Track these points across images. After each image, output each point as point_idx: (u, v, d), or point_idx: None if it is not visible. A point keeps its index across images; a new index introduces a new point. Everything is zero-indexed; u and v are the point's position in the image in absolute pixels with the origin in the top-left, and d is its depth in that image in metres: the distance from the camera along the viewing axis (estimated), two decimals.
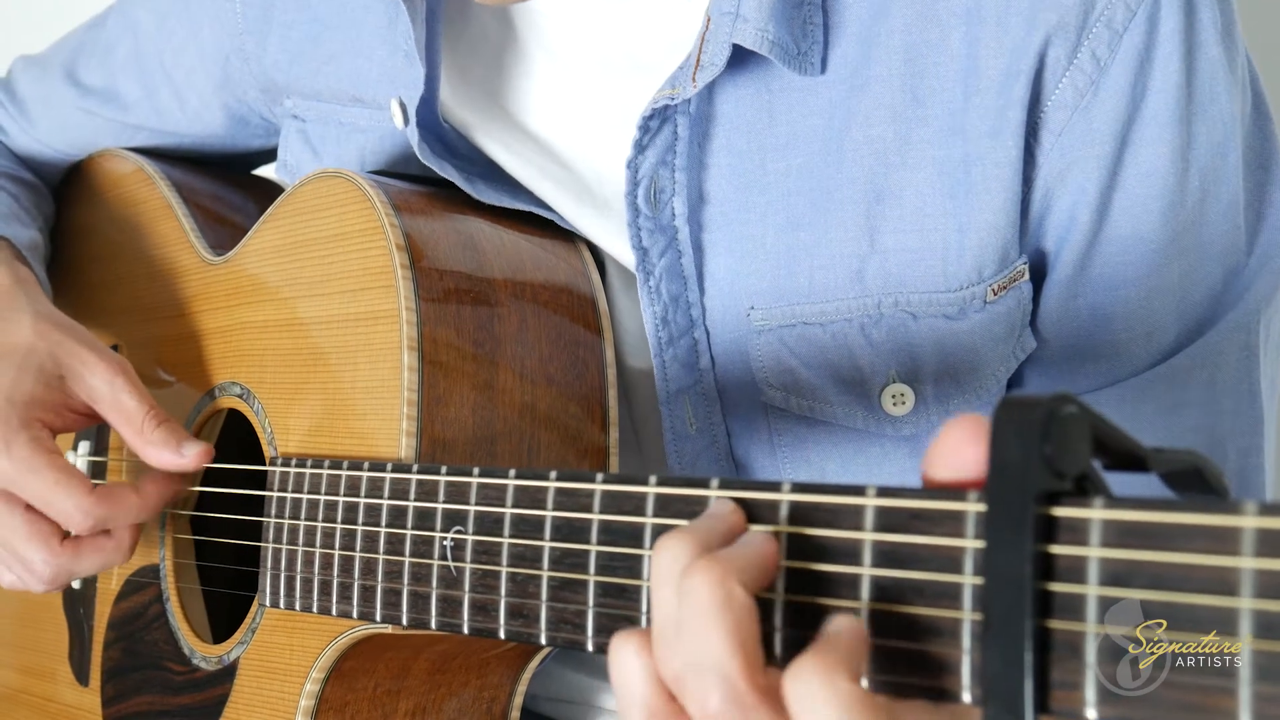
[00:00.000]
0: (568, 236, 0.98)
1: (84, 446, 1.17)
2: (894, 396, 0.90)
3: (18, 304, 1.02)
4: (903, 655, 0.56)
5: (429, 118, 0.98)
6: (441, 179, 0.98)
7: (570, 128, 0.99)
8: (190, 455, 0.96)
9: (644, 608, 0.66)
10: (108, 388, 0.97)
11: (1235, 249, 0.91)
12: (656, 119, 0.89)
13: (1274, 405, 0.94)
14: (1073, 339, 0.91)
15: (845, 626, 0.55)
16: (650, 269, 0.92)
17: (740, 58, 0.88)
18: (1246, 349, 0.91)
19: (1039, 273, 0.91)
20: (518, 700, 0.97)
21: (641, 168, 0.90)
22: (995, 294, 0.88)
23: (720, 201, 0.92)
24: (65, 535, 0.97)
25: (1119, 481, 0.54)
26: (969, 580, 0.54)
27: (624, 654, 0.59)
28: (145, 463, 0.99)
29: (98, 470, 1.15)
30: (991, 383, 0.91)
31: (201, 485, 1.07)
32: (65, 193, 1.29)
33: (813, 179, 0.89)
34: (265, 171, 1.27)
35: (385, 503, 0.83)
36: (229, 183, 1.24)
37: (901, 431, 0.90)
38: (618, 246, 0.97)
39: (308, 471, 0.90)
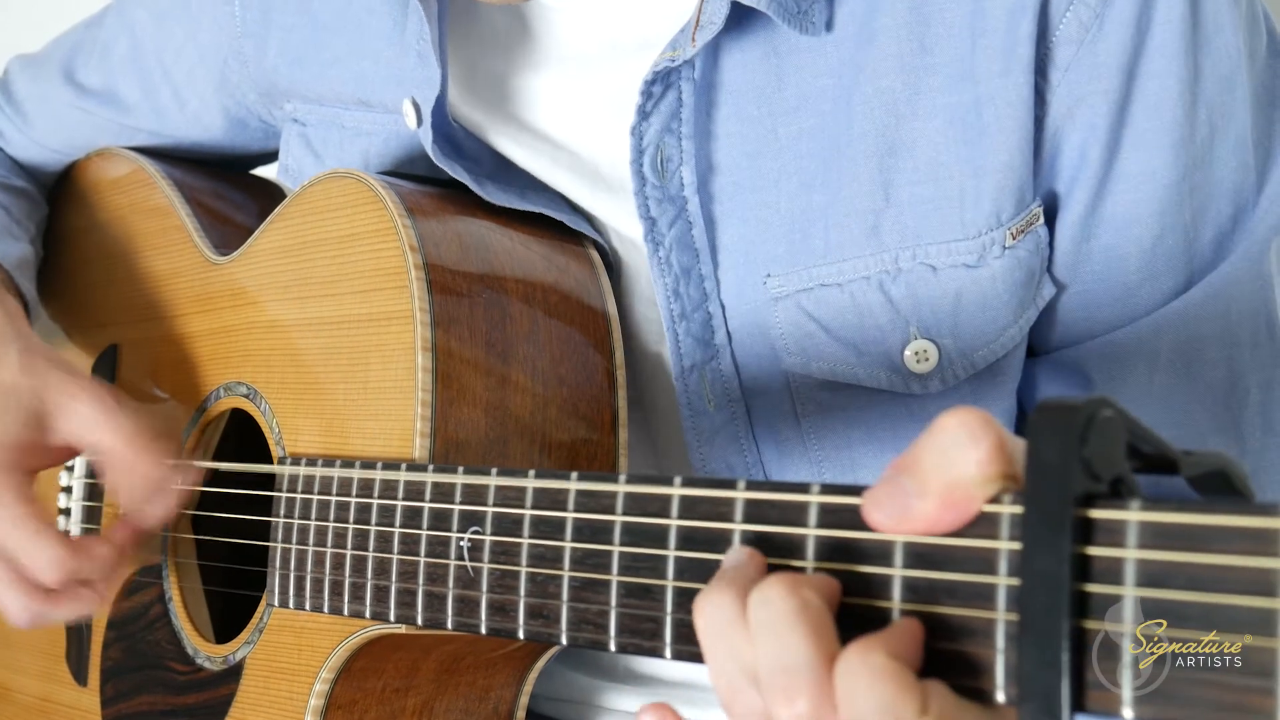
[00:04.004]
0: (577, 238, 0.99)
1: (79, 491, 1.16)
2: (917, 353, 0.90)
3: (3, 341, 0.99)
4: (936, 655, 0.56)
5: (440, 119, 0.99)
6: (448, 181, 0.98)
7: (580, 114, 0.99)
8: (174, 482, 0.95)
9: (668, 608, 0.67)
10: (88, 428, 0.96)
11: (1245, 187, 0.91)
12: (659, 84, 0.90)
13: None
14: (1085, 282, 0.91)
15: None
16: (660, 239, 0.92)
17: (742, 19, 0.89)
18: (1260, 279, 0.91)
19: (1052, 215, 0.91)
20: (523, 700, 0.97)
21: (646, 135, 0.91)
22: (1014, 238, 0.88)
23: (731, 171, 0.92)
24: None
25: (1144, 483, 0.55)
26: (1003, 581, 0.55)
27: None
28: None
29: (94, 491, 1.15)
30: (1014, 332, 0.91)
31: (206, 485, 1.06)
32: (63, 193, 1.29)
33: (824, 139, 0.90)
34: (266, 172, 1.26)
35: (399, 503, 0.83)
36: (230, 182, 1.24)
37: (928, 389, 0.91)
38: (632, 227, 0.97)
39: (319, 472, 0.90)
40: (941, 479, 0.55)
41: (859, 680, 0.54)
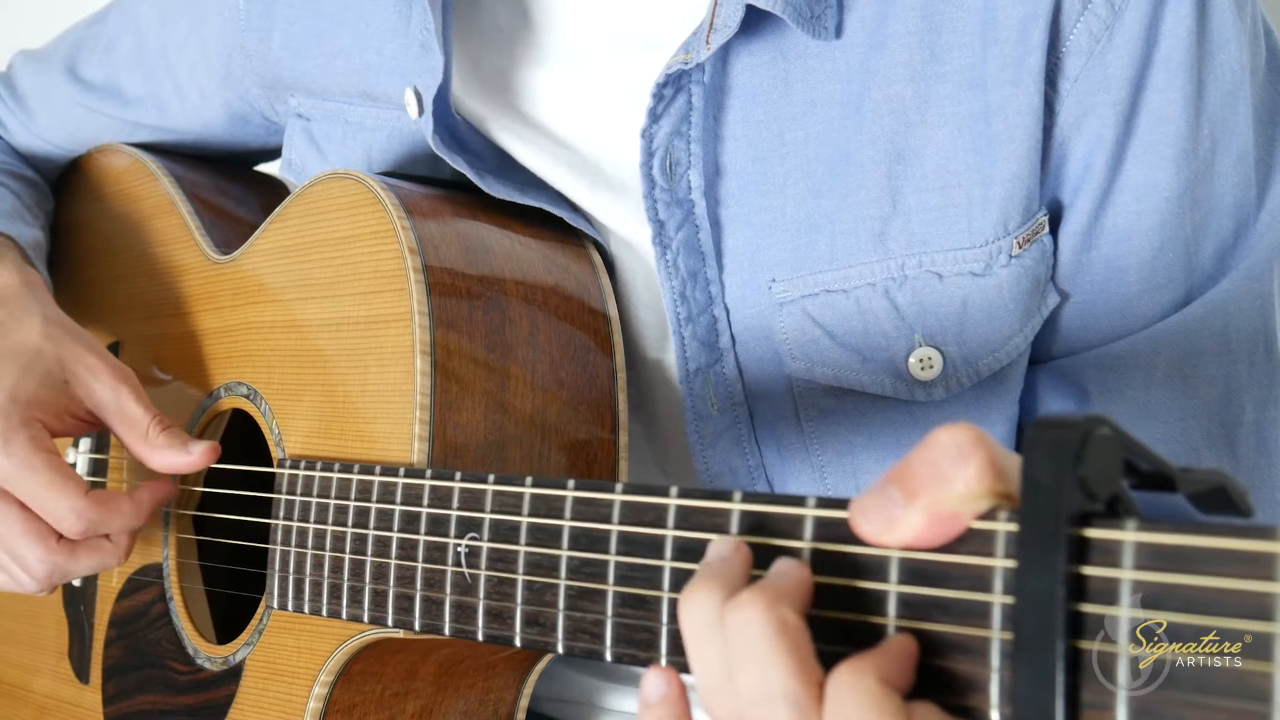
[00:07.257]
0: (578, 238, 0.98)
1: (85, 444, 1.16)
2: (921, 360, 0.90)
3: (28, 306, 1.02)
4: (929, 672, 0.56)
5: (442, 109, 0.98)
6: (449, 181, 0.98)
7: (583, 111, 0.99)
8: (197, 453, 0.97)
9: (664, 619, 0.67)
10: (112, 395, 0.98)
11: (1246, 202, 0.91)
12: (671, 86, 0.90)
13: None
14: (1085, 292, 0.91)
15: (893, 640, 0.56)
16: (667, 242, 0.92)
17: (754, 23, 0.88)
18: (1260, 298, 0.91)
19: (1056, 224, 0.91)
20: (523, 702, 0.97)
21: (656, 137, 0.91)
22: (1020, 247, 0.88)
23: (738, 174, 0.92)
24: (61, 535, 0.97)
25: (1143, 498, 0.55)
26: (998, 599, 0.54)
27: None
28: (144, 466, 0.99)
29: (98, 467, 1.15)
30: (1019, 340, 0.91)
31: (206, 486, 1.06)
32: (65, 188, 1.29)
33: (832, 145, 0.90)
34: (269, 169, 1.26)
35: (397, 508, 0.83)
36: (232, 178, 1.23)
37: (932, 396, 0.91)
38: (633, 229, 0.97)
39: (317, 474, 0.90)
40: (929, 493, 0.55)
41: (846, 704, 0.53)
